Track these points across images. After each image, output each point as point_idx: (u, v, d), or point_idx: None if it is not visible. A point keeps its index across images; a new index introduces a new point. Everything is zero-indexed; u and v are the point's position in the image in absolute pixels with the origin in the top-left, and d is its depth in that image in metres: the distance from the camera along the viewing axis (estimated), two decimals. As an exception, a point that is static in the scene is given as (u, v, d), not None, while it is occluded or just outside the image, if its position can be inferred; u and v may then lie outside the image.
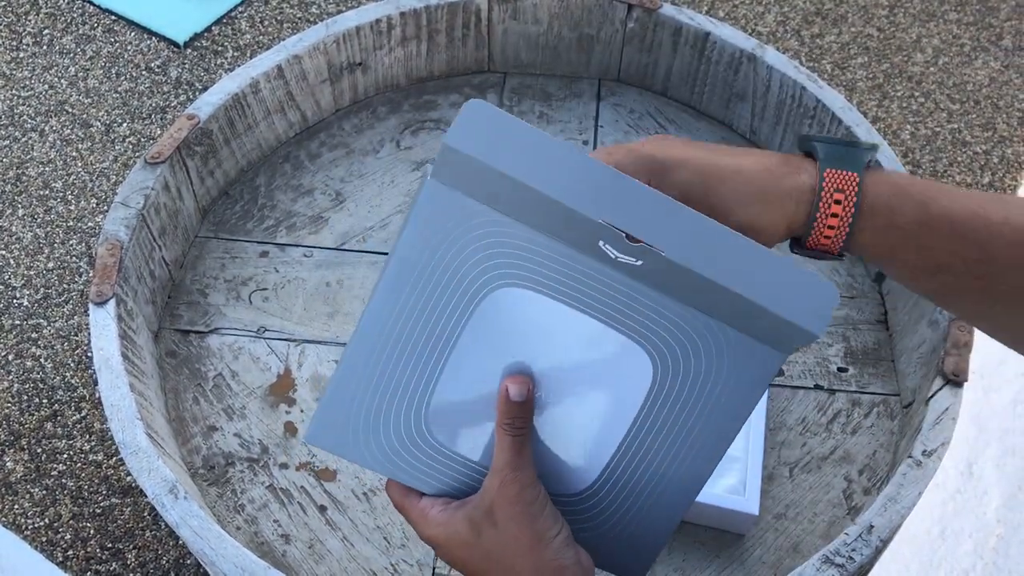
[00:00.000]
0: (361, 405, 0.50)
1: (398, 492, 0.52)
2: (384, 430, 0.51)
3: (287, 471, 0.76)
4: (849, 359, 0.82)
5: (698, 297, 0.47)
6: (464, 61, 1.02)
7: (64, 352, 1.45)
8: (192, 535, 0.65)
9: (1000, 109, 1.83)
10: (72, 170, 1.66)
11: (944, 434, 0.69)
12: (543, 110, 1.00)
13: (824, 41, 1.92)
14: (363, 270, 0.87)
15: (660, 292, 0.47)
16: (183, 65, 1.82)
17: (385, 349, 0.50)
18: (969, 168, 1.73)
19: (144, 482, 0.67)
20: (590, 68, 1.03)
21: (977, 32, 1.96)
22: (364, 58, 0.97)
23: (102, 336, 0.73)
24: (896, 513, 0.66)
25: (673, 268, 0.46)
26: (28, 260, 1.55)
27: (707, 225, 0.46)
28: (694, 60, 0.97)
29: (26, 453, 1.36)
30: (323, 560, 0.71)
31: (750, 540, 0.73)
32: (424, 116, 1.00)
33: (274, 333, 0.83)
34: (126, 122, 1.73)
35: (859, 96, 1.83)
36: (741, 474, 0.73)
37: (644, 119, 1.00)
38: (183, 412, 0.79)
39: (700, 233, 0.46)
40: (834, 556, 0.64)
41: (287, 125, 0.96)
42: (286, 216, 0.91)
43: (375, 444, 0.51)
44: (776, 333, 0.47)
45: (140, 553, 1.28)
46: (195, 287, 0.86)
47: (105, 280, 0.76)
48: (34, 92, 1.77)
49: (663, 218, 0.46)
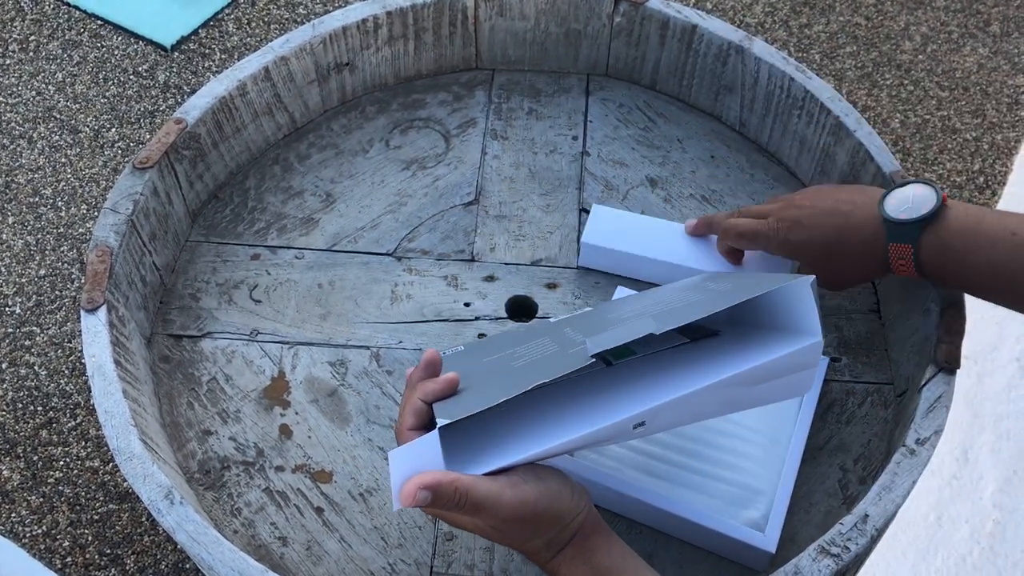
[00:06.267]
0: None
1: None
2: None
3: (283, 474, 0.76)
4: (842, 348, 0.82)
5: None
6: (452, 59, 1.02)
7: (58, 359, 1.45)
8: (189, 540, 0.65)
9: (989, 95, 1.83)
10: (61, 176, 1.66)
11: (938, 422, 0.70)
12: (532, 106, 1.00)
13: (812, 31, 1.93)
14: (355, 271, 0.87)
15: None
16: (171, 69, 1.81)
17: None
18: (959, 155, 1.74)
19: (139, 488, 0.67)
20: (578, 63, 1.03)
21: (965, 19, 1.96)
22: (351, 58, 0.97)
23: (94, 343, 0.73)
24: (891, 502, 0.66)
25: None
26: (19, 268, 1.55)
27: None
28: (682, 53, 0.97)
29: (22, 461, 1.36)
30: (321, 562, 0.71)
31: (747, 532, 0.73)
32: (413, 115, 1.00)
33: (267, 336, 0.83)
34: (115, 127, 1.73)
35: (848, 85, 1.83)
36: (765, 508, 0.70)
37: (633, 113, 1.00)
38: (177, 417, 0.79)
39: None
40: (829, 546, 0.64)
41: (275, 127, 0.96)
42: (276, 218, 0.91)
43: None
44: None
45: (139, 558, 1.28)
46: (187, 291, 0.86)
47: (96, 287, 0.76)
48: (21, 99, 1.77)
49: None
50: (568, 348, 0.60)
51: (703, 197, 0.93)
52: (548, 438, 0.56)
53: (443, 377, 0.58)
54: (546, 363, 0.59)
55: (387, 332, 0.83)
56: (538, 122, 0.99)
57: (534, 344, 0.64)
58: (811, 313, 0.61)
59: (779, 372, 0.61)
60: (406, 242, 0.89)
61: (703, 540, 0.70)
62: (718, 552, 0.71)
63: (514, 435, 0.57)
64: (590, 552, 0.57)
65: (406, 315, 0.84)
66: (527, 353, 0.63)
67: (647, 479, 0.71)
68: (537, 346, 0.64)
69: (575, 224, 0.91)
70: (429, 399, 0.58)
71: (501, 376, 0.59)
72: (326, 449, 0.77)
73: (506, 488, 0.54)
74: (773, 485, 0.71)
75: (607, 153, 0.97)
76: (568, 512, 0.57)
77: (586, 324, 0.66)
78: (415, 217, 0.91)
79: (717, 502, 0.70)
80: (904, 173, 0.84)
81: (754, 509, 0.70)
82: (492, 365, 0.63)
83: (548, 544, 0.57)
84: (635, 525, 0.72)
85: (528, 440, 0.56)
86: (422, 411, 0.57)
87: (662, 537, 0.72)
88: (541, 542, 0.56)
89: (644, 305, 0.67)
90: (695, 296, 0.65)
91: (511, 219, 0.91)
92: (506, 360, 0.63)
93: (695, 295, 0.66)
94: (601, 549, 0.57)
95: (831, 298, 0.86)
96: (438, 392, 0.58)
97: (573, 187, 0.94)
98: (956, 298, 0.75)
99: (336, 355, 0.82)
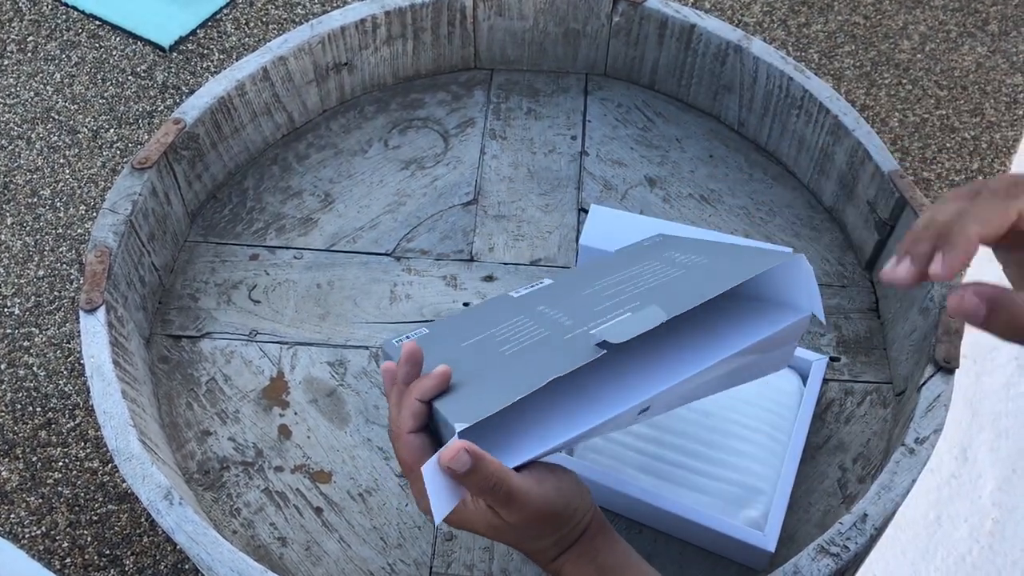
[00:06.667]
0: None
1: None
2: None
3: (282, 474, 0.76)
4: (841, 348, 0.82)
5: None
6: (450, 59, 1.02)
7: (57, 360, 1.45)
8: (188, 540, 0.65)
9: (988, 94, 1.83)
10: (60, 177, 1.66)
11: (936, 421, 0.70)
12: (531, 106, 1.00)
13: (811, 30, 1.93)
14: (354, 271, 0.87)
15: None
16: (169, 69, 1.81)
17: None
18: (958, 154, 1.74)
19: (139, 488, 0.67)
20: (577, 63, 1.03)
21: (963, 18, 1.96)
22: (350, 58, 0.97)
23: (93, 343, 0.73)
24: (890, 501, 0.66)
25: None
26: (18, 269, 1.54)
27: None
28: (680, 53, 0.97)
29: (21, 462, 1.36)
30: (320, 562, 0.71)
31: (746, 531, 0.73)
32: (412, 115, 0.99)
33: (266, 336, 0.83)
34: (113, 127, 1.73)
35: (847, 85, 1.83)
36: (765, 508, 0.70)
37: (632, 113, 1.00)
38: (177, 417, 0.79)
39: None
40: (829, 545, 0.64)
41: (274, 127, 0.96)
42: (275, 218, 0.91)
43: None
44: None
45: (138, 559, 1.28)
46: (185, 292, 0.86)
47: (95, 287, 0.76)
48: (20, 99, 1.77)
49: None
50: (561, 333, 0.59)
51: (702, 197, 0.93)
52: (563, 430, 0.55)
53: (436, 372, 0.55)
54: (544, 351, 0.58)
55: (386, 332, 0.83)
56: (537, 122, 0.99)
57: (513, 325, 0.63)
58: (802, 285, 0.61)
59: (773, 346, 0.61)
60: (405, 242, 0.89)
61: (703, 539, 0.70)
62: (717, 551, 0.71)
63: (529, 428, 0.56)
64: (596, 551, 0.57)
65: (405, 315, 0.84)
66: (513, 336, 0.61)
67: (647, 478, 0.71)
68: (518, 328, 0.62)
69: (574, 224, 0.91)
70: (427, 397, 0.56)
71: (498, 367, 0.58)
72: (325, 449, 0.77)
73: (534, 484, 0.54)
74: (772, 484, 0.71)
75: (606, 153, 0.96)
76: (580, 510, 0.57)
77: (563, 302, 0.65)
78: (414, 217, 0.91)
79: (717, 501, 0.70)
80: (903, 172, 0.84)
81: (753, 508, 0.70)
82: (475, 351, 0.61)
83: (557, 542, 0.56)
84: (635, 524, 0.72)
85: (545, 433, 0.56)
86: (421, 412, 0.56)
87: (662, 536, 0.72)
88: (551, 540, 0.56)
89: (619, 280, 0.66)
90: (675, 270, 0.65)
91: (510, 219, 0.91)
92: (490, 345, 0.61)
93: (673, 269, 0.65)
94: (606, 548, 0.57)
95: (830, 297, 0.86)
96: (436, 388, 0.56)
97: (572, 187, 0.94)
98: (955, 297, 0.75)
99: (335, 355, 0.82)
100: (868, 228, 0.87)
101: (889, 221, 0.84)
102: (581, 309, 0.62)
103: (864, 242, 0.88)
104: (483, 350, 0.61)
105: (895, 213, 0.83)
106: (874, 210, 0.85)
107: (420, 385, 0.56)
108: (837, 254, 0.89)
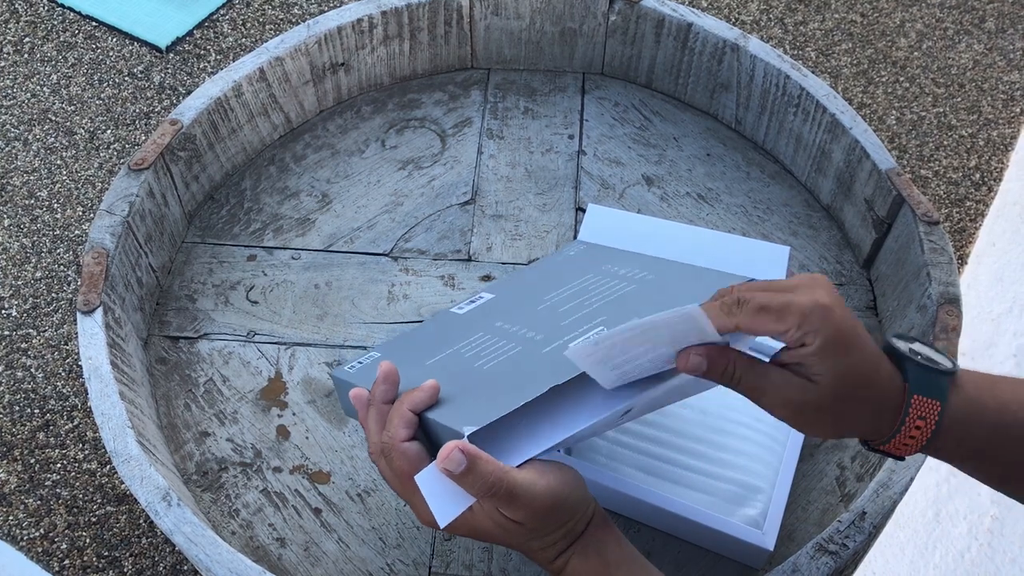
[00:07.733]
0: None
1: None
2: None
3: (281, 475, 0.76)
4: (839, 346, 0.82)
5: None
6: (447, 59, 1.02)
7: (55, 361, 1.45)
8: (186, 542, 0.65)
9: (985, 92, 1.83)
10: (57, 178, 1.66)
11: (935, 418, 0.70)
12: (528, 105, 1.00)
13: (808, 28, 1.93)
14: (352, 271, 0.87)
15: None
16: (166, 70, 1.81)
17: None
18: (956, 152, 1.74)
19: (137, 490, 0.67)
20: (573, 62, 1.03)
21: (960, 15, 1.97)
22: (347, 58, 0.97)
23: (91, 345, 0.73)
24: (888, 499, 0.66)
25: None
26: (15, 270, 1.54)
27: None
28: (677, 51, 0.97)
29: (19, 464, 1.36)
30: (319, 563, 0.71)
31: (745, 530, 0.73)
32: (409, 115, 0.99)
33: (264, 337, 0.83)
34: (110, 128, 1.72)
35: (844, 83, 1.83)
36: (763, 506, 0.70)
37: (629, 112, 1.00)
38: (175, 419, 0.79)
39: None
40: (827, 543, 0.64)
41: (271, 127, 0.96)
42: (273, 219, 0.91)
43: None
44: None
45: (137, 560, 1.28)
46: (183, 293, 0.86)
47: (92, 289, 0.76)
48: (16, 101, 1.76)
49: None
50: (536, 347, 0.60)
51: (699, 195, 0.93)
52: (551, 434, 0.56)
53: (427, 385, 0.57)
54: (528, 363, 0.59)
55: (384, 332, 0.83)
56: (534, 121, 0.99)
57: (477, 342, 0.64)
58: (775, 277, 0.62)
59: (745, 342, 0.62)
60: (402, 242, 0.89)
61: (701, 538, 0.70)
62: (716, 550, 0.71)
63: (521, 433, 0.57)
64: (601, 544, 0.57)
65: (403, 315, 0.84)
66: (484, 352, 0.62)
67: (645, 477, 0.71)
68: (484, 344, 0.63)
69: (571, 223, 0.91)
70: (420, 409, 0.57)
71: (481, 379, 0.59)
72: (324, 450, 0.77)
73: (536, 476, 0.54)
74: (771, 483, 0.71)
75: (603, 152, 0.96)
76: (585, 500, 0.57)
77: (520, 318, 0.66)
78: (411, 217, 0.91)
79: (715, 500, 0.70)
80: (900, 170, 0.84)
81: (752, 507, 0.70)
82: (444, 368, 0.62)
83: (566, 535, 0.56)
84: (633, 523, 0.72)
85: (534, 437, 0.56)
86: (413, 422, 0.57)
87: (660, 535, 0.72)
88: (560, 533, 0.56)
89: (571, 294, 0.67)
90: (623, 284, 0.66)
91: (507, 218, 0.91)
92: (459, 361, 0.62)
93: (621, 283, 0.66)
94: (610, 542, 0.57)
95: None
96: (427, 401, 0.57)
97: (569, 186, 0.94)
98: (952, 294, 0.75)
99: (333, 355, 0.82)
100: (866, 226, 0.87)
101: (887, 219, 0.84)
102: (546, 324, 0.63)
103: (862, 240, 0.88)
104: (454, 366, 0.62)
105: (893, 211, 0.83)
106: (872, 208, 0.85)
107: (412, 397, 0.57)
108: (835, 252, 0.89)
